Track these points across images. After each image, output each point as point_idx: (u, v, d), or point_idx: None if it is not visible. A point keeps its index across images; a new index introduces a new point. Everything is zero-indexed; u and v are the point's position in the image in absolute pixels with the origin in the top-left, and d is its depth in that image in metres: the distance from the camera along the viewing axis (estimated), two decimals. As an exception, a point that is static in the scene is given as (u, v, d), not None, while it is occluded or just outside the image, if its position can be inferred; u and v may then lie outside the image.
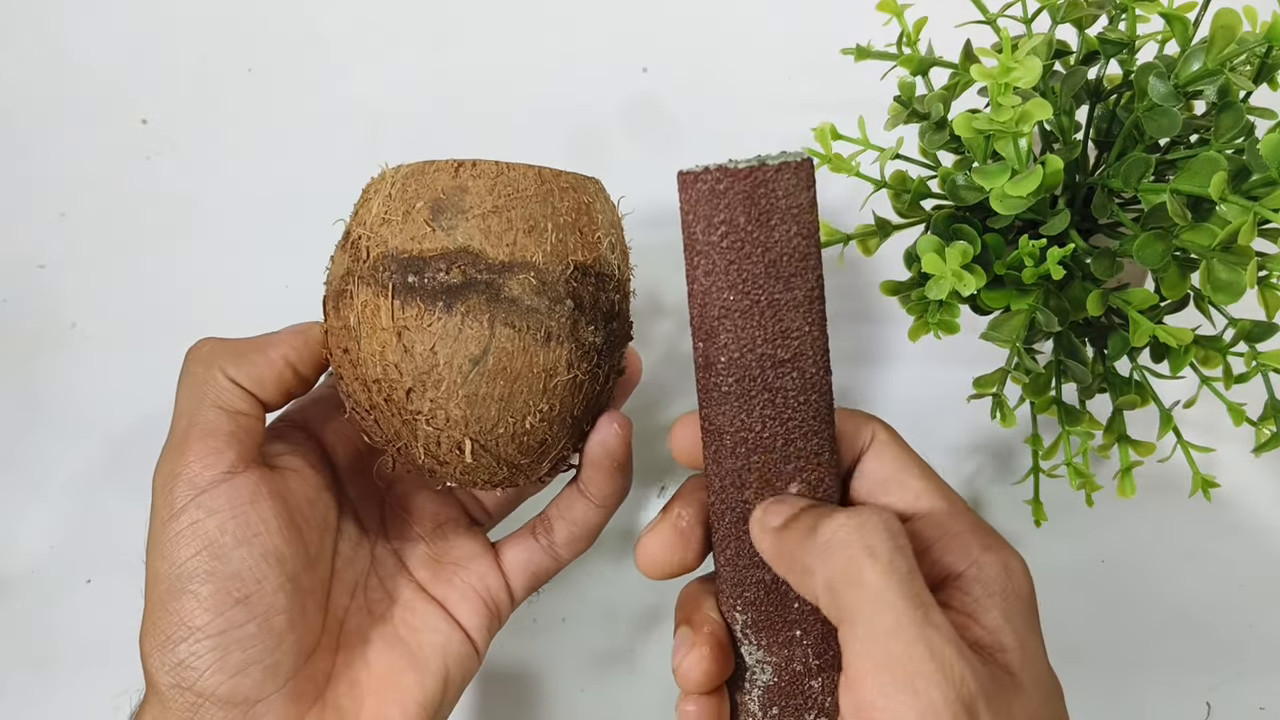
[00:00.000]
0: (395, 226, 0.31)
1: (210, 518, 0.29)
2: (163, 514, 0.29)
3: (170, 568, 0.28)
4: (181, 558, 0.28)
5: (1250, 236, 0.30)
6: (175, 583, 0.28)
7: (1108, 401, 0.40)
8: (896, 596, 0.24)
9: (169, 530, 0.29)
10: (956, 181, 0.36)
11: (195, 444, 0.30)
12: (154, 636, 0.28)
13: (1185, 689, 0.47)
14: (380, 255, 0.31)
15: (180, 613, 0.28)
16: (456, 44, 0.58)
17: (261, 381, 0.32)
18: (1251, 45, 0.32)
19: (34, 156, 0.56)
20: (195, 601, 0.28)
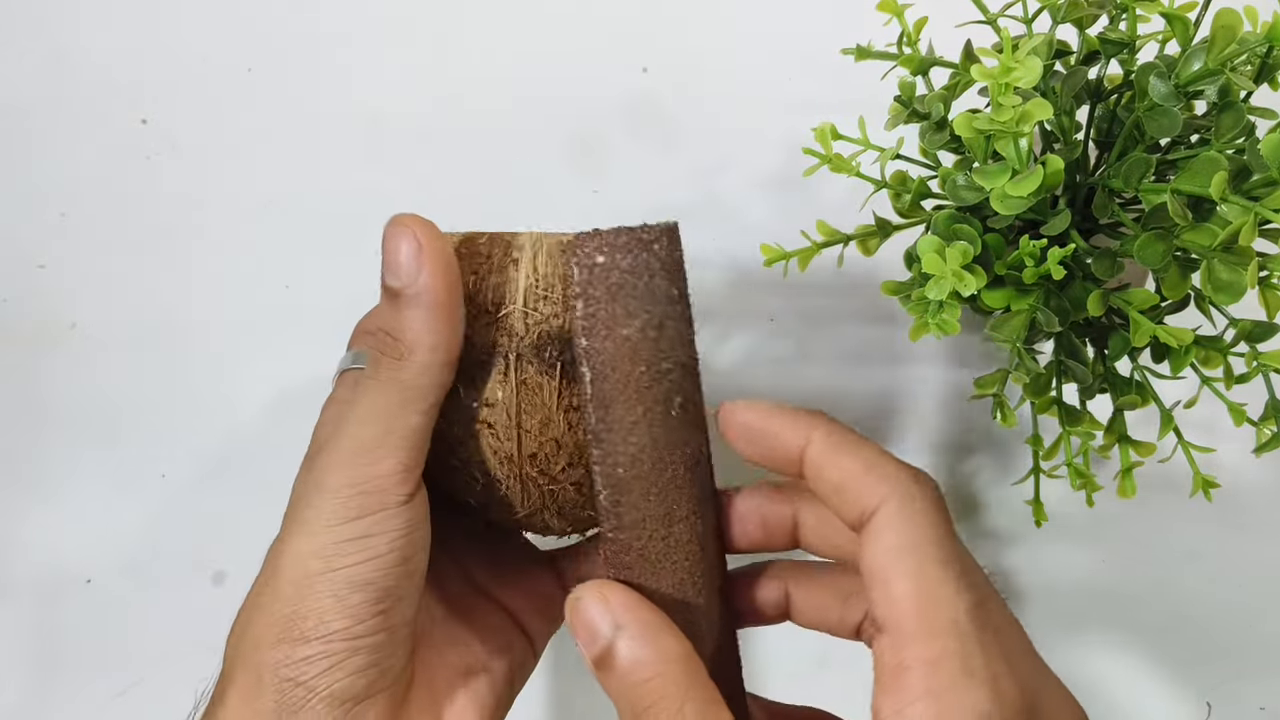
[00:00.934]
0: (555, 305, 0.30)
1: (383, 535, 0.29)
2: (334, 515, 0.29)
3: (326, 570, 0.28)
4: (344, 563, 0.28)
5: (1251, 237, 0.30)
6: (323, 584, 0.28)
7: (1108, 402, 0.40)
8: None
9: (335, 534, 0.29)
10: (957, 181, 0.36)
11: (393, 456, 0.29)
12: (279, 628, 0.28)
13: (1186, 689, 0.47)
14: (545, 334, 0.30)
15: (321, 613, 0.28)
16: (456, 44, 0.58)
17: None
18: (1252, 45, 0.32)
19: (34, 156, 0.56)
20: (340, 606, 0.28)
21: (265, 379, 0.53)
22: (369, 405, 0.29)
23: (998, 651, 0.25)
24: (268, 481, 0.53)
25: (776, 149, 0.54)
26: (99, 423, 0.53)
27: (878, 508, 0.26)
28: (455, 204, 0.54)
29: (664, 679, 0.26)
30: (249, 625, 0.29)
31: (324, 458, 0.30)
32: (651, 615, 0.28)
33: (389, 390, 0.29)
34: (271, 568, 0.29)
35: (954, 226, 0.36)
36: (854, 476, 0.27)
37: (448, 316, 0.29)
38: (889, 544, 0.26)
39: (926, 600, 0.25)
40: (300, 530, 0.29)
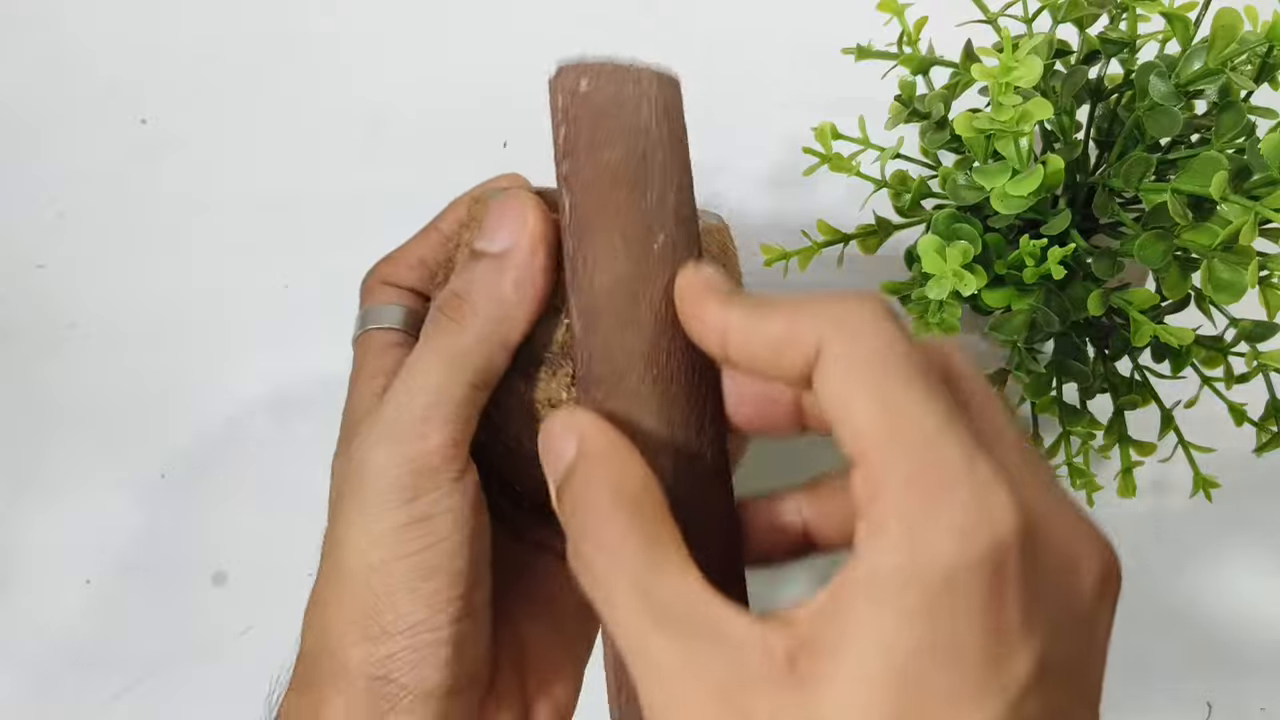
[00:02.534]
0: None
1: (444, 516, 0.27)
2: (388, 499, 0.27)
3: (390, 559, 0.27)
4: (407, 550, 0.27)
5: (1251, 236, 0.30)
6: (392, 575, 0.27)
7: (1108, 401, 0.40)
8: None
9: (391, 519, 0.27)
10: (957, 181, 0.36)
11: (440, 430, 0.27)
12: (359, 626, 0.27)
13: (1186, 689, 0.47)
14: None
15: (397, 606, 0.27)
16: (456, 44, 0.58)
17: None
18: (1252, 45, 0.32)
19: (34, 156, 0.56)
20: (415, 597, 0.27)
21: (265, 379, 0.53)
22: (416, 375, 0.27)
23: (986, 462, 0.20)
24: (268, 481, 0.53)
25: (776, 149, 0.54)
26: (99, 423, 0.53)
27: (819, 348, 0.22)
28: (455, 204, 0.54)
29: (616, 507, 0.23)
30: (325, 623, 0.27)
31: (366, 434, 0.27)
32: (617, 439, 0.24)
33: (440, 357, 0.27)
34: (332, 561, 0.27)
35: (954, 226, 0.36)
36: (783, 335, 0.23)
37: (527, 291, 0.27)
38: (838, 375, 0.21)
39: (892, 417, 0.20)
40: (353, 519, 0.27)
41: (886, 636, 0.19)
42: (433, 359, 0.27)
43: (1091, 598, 0.22)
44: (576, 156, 0.27)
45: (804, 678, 0.19)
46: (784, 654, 0.20)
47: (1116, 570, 0.22)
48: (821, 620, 0.20)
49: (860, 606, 0.19)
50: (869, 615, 0.19)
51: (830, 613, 0.20)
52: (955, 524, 0.19)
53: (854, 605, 0.19)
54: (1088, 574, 0.22)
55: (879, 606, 0.19)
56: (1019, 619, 0.19)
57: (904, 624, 0.19)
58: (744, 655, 0.20)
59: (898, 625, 0.19)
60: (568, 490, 0.24)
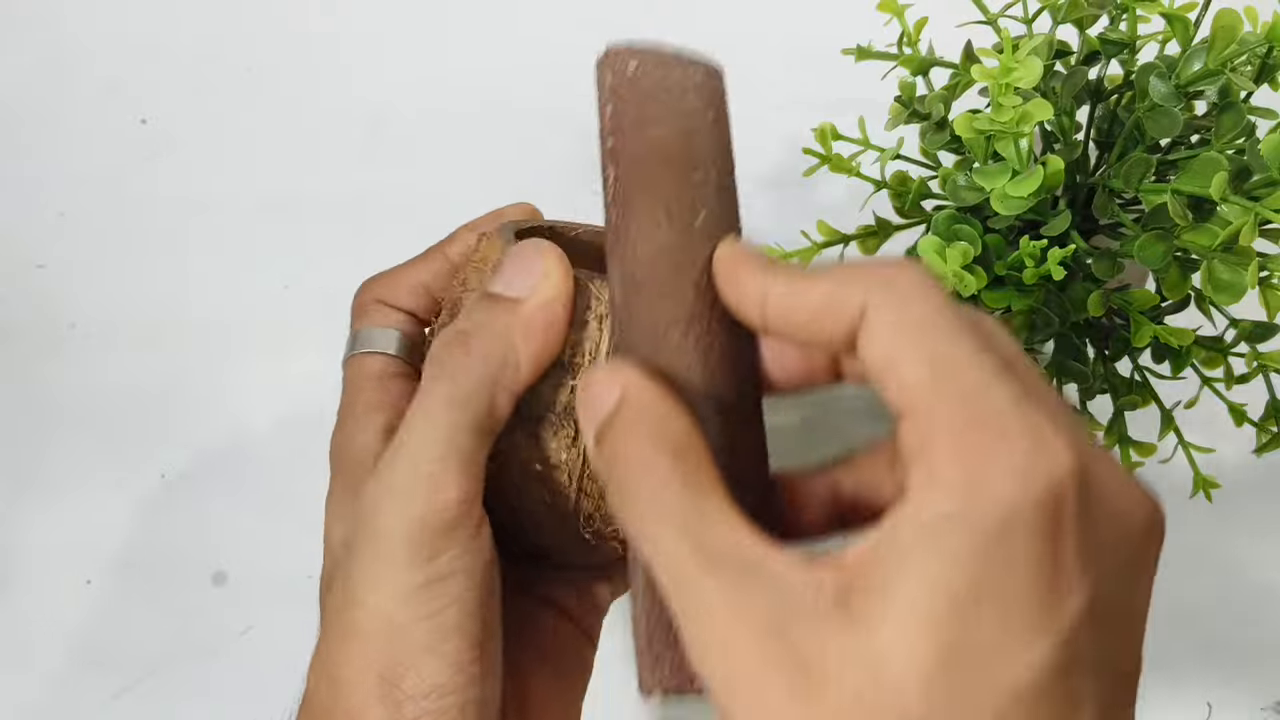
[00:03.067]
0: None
1: (464, 574, 0.26)
2: (408, 558, 0.26)
3: (412, 620, 0.26)
4: (429, 610, 0.26)
5: (1251, 237, 0.30)
6: (413, 636, 0.26)
7: (1109, 402, 0.40)
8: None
9: (412, 578, 0.26)
10: (957, 182, 0.36)
11: (456, 485, 0.26)
12: (377, 689, 0.26)
13: (1186, 689, 0.47)
14: None
15: (419, 668, 0.26)
16: (456, 44, 0.58)
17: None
18: (1252, 45, 0.32)
19: (34, 156, 0.56)
20: (437, 658, 0.26)
21: (264, 379, 0.53)
22: (424, 422, 0.26)
23: (1037, 409, 0.20)
24: (268, 482, 0.53)
25: (776, 149, 0.54)
26: (99, 423, 0.53)
27: (862, 312, 0.22)
28: (455, 204, 0.54)
29: (659, 452, 0.22)
30: (339, 681, 0.27)
31: (378, 487, 0.26)
32: (661, 389, 0.24)
33: (446, 403, 0.26)
34: (347, 619, 0.27)
35: (954, 227, 0.36)
36: (825, 302, 0.23)
37: (537, 340, 0.27)
38: (885, 335, 0.22)
39: (942, 370, 0.21)
40: (371, 578, 0.26)
41: (940, 576, 0.19)
42: (439, 405, 0.26)
43: (1139, 545, 0.22)
44: (623, 133, 0.27)
45: (855, 615, 0.19)
46: (834, 592, 0.20)
47: (1161, 521, 0.22)
48: (873, 560, 0.20)
49: (913, 547, 0.19)
50: (923, 555, 0.19)
51: (883, 553, 0.19)
52: (1012, 466, 0.19)
53: (907, 546, 0.19)
54: (1136, 522, 0.22)
55: (933, 547, 0.19)
56: (1073, 561, 0.19)
57: (958, 564, 0.19)
58: (794, 593, 0.20)
59: (952, 565, 0.19)
60: (608, 437, 0.23)
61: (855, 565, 0.20)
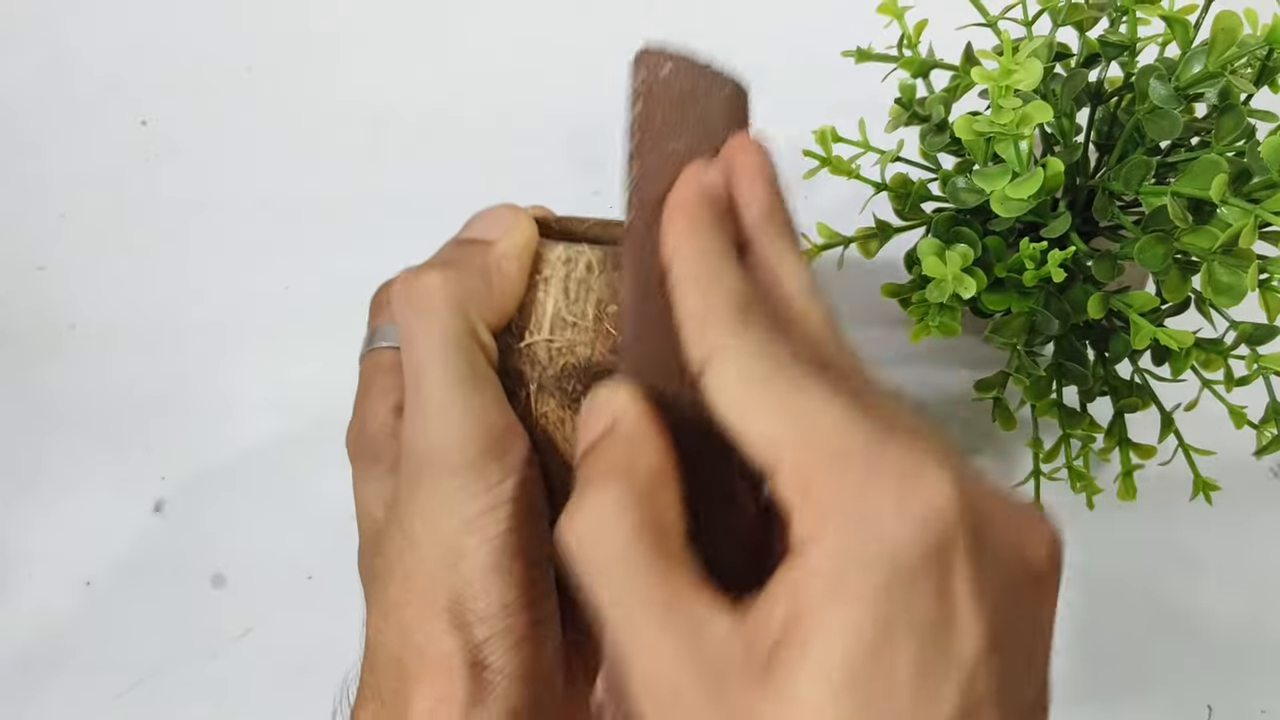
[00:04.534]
0: (585, 333, 0.28)
1: (523, 494, 0.27)
2: (469, 485, 0.26)
3: (480, 543, 0.26)
4: (496, 531, 0.26)
5: (1251, 239, 0.30)
6: (482, 558, 0.26)
7: (1109, 404, 0.40)
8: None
9: (480, 503, 0.26)
10: (957, 184, 0.36)
11: (494, 402, 0.27)
12: (449, 617, 0.26)
13: (1187, 692, 0.47)
14: (569, 366, 0.28)
15: (489, 589, 0.26)
16: (456, 44, 0.58)
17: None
18: (1252, 48, 0.32)
19: (34, 157, 0.56)
20: (507, 579, 0.26)
21: (265, 380, 0.53)
22: (435, 362, 0.27)
23: (907, 446, 0.20)
24: (268, 482, 0.53)
25: (776, 150, 0.54)
26: (99, 423, 0.53)
27: (707, 359, 0.22)
28: (455, 204, 0.54)
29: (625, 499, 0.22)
30: (407, 622, 0.27)
31: (419, 432, 0.27)
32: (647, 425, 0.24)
33: (441, 341, 0.27)
34: (406, 566, 0.27)
35: (954, 229, 0.36)
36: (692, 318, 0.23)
37: (508, 277, 0.28)
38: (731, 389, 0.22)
39: (800, 421, 0.21)
40: (430, 515, 0.26)
41: (844, 627, 0.19)
42: (440, 344, 0.27)
43: (1036, 573, 0.22)
44: (647, 136, 0.27)
45: (778, 677, 0.20)
46: (763, 653, 0.20)
47: (1059, 546, 0.22)
48: (789, 619, 0.20)
49: (817, 605, 0.19)
50: (826, 614, 0.19)
51: (794, 612, 0.20)
52: (893, 509, 0.19)
53: (811, 604, 0.20)
54: (1031, 550, 0.22)
55: (833, 604, 0.19)
56: (966, 598, 0.20)
57: (857, 620, 0.19)
58: (731, 653, 0.20)
59: (852, 615, 0.19)
60: (589, 461, 0.24)
61: (779, 624, 0.20)
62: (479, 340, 0.28)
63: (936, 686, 0.19)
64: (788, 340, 0.23)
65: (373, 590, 0.28)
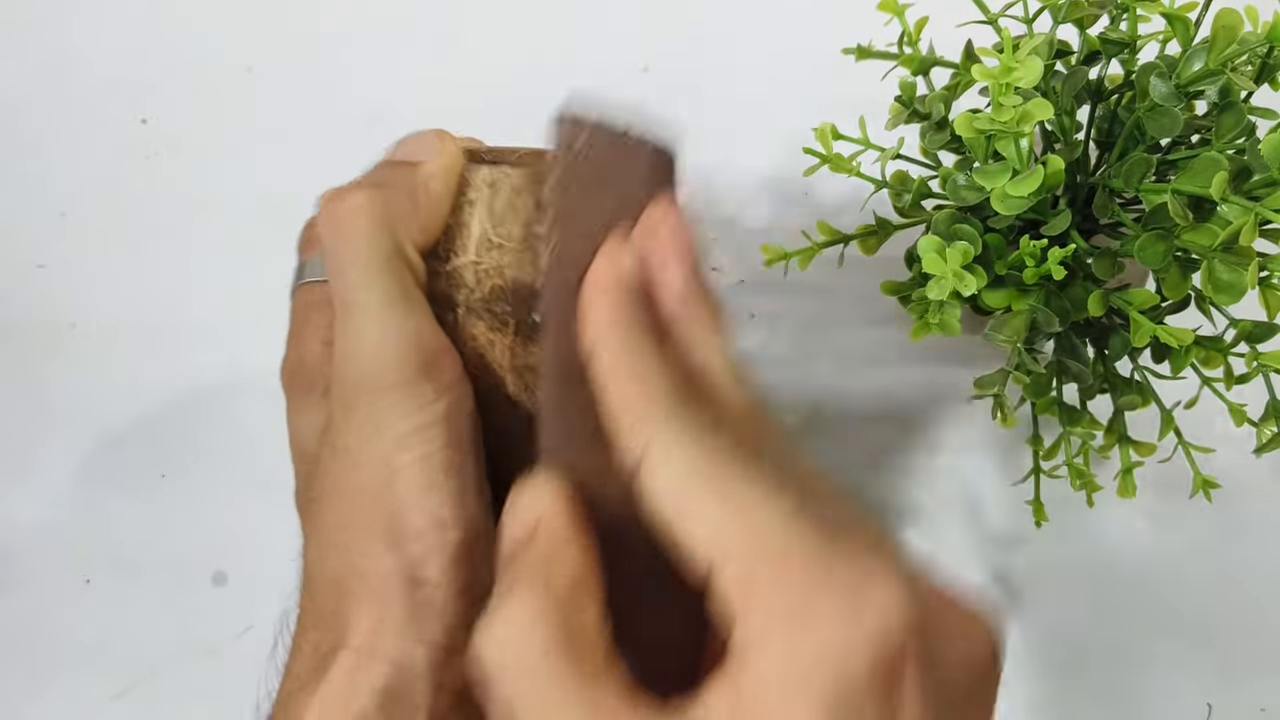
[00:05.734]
0: (511, 255, 0.28)
1: (458, 411, 0.27)
2: (405, 402, 0.26)
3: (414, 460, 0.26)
4: (431, 448, 0.26)
5: (1251, 237, 0.30)
6: (418, 477, 0.26)
7: (1108, 402, 0.40)
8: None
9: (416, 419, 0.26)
10: (957, 181, 0.36)
11: (429, 328, 0.27)
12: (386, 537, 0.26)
13: (1186, 689, 0.47)
14: (496, 288, 0.28)
15: (424, 506, 0.26)
16: (457, 44, 0.58)
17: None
18: (1253, 45, 0.32)
19: (34, 156, 0.56)
20: (442, 495, 0.26)
21: (265, 378, 0.53)
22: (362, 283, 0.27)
23: (854, 553, 0.20)
24: (268, 481, 0.53)
25: (776, 149, 0.54)
26: (99, 422, 0.53)
27: (644, 451, 0.22)
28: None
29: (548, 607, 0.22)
30: (346, 544, 0.26)
31: (358, 347, 0.26)
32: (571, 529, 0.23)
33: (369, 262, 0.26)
34: (344, 487, 0.27)
35: (955, 226, 0.36)
36: (615, 421, 0.23)
37: (434, 196, 0.28)
38: (667, 483, 0.21)
39: (741, 522, 0.20)
40: (367, 434, 0.26)
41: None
42: (369, 265, 0.27)
43: (978, 674, 0.22)
44: (561, 217, 0.26)
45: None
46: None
47: (999, 648, 0.22)
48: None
49: (762, 707, 0.19)
50: (773, 715, 0.19)
51: (736, 715, 0.19)
52: (843, 617, 0.19)
53: (756, 706, 0.19)
54: (974, 652, 0.22)
55: (780, 706, 0.19)
56: (915, 703, 0.19)
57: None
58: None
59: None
60: (510, 568, 0.23)
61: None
62: (407, 260, 0.27)
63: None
64: (721, 432, 0.22)
65: (309, 518, 0.28)
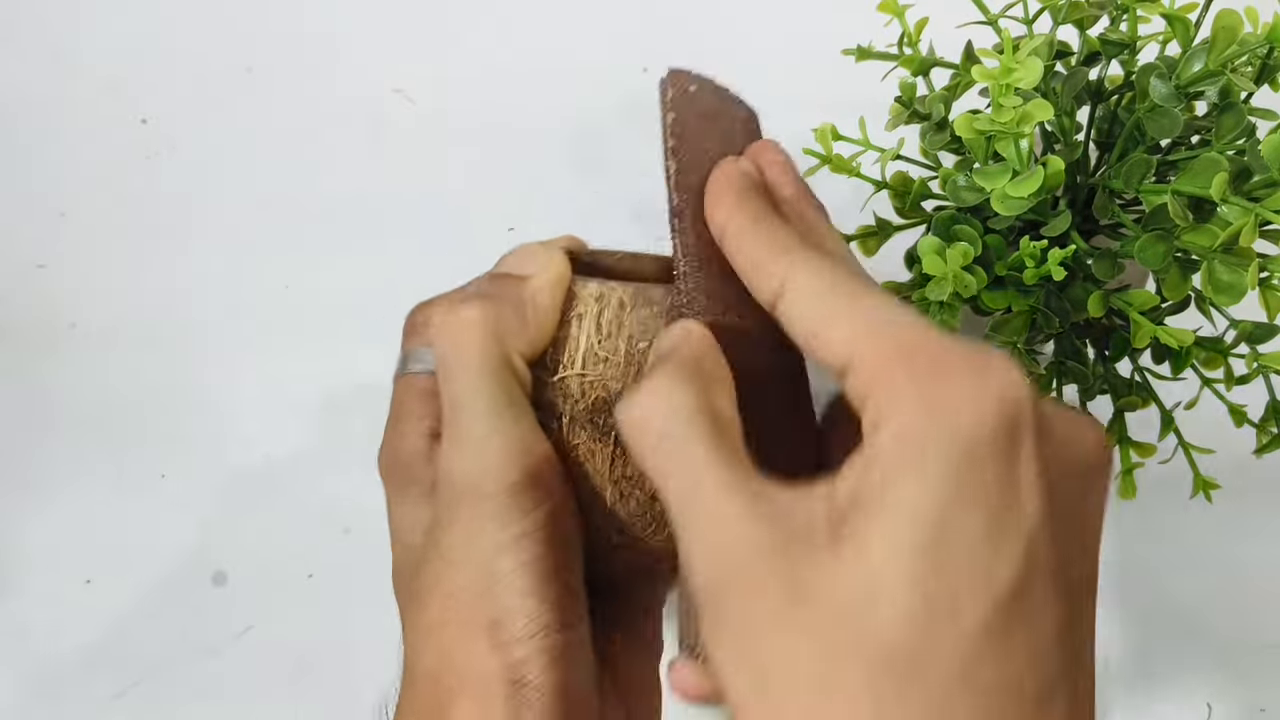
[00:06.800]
0: (616, 369, 0.29)
1: (560, 519, 0.28)
2: (510, 508, 0.27)
3: (517, 566, 0.27)
4: (532, 555, 0.27)
5: (1251, 238, 0.30)
6: (518, 581, 0.27)
7: (1109, 403, 0.40)
8: None
9: (518, 526, 0.27)
10: (957, 182, 0.36)
11: (531, 431, 0.28)
12: (489, 637, 0.27)
13: (1186, 690, 0.47)
14: (600, 400, 0.29)
15: (527, 611, 0.27)
16: (457, 44, 0.58)
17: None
18: (1253, 46, 0.32)
19: (34, 156, 0.56)
20: (544, 601, 0.27)
21: (265, 379, 0.53)
22: (470, 391, 0.28)
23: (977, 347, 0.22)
24: (268, 482, 0.53)
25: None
26: (99, 423, 0.53)
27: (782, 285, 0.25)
28: (455, 204, 0.54)
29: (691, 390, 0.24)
30: (447, 643, 0.28)
31: (457, 458, 0.28)
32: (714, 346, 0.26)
33: (478, 372, 0.28)
34: (445, 588, 0.28)
35: (955, 227, 0.36)
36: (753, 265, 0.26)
37: (543, 310, 0.29)
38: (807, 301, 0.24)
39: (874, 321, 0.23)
40: (468, 539, 0.27)
41: (916, 498, 0.20)
42: (478, 374, 0.28)
43: (1089, 463, 0.23)
44: (681, 138, 0.29)
45: (845, 540, 0.21)
46: (828, 523, 0.21)
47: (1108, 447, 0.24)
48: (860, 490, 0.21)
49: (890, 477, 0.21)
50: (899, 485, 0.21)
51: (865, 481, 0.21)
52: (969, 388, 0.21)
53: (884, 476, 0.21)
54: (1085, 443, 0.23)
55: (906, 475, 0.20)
56: (1032, 475, 0.21)
57: (930, 484, 0.20)
58: (795, 520, 0.22)
59: (925, 486, 0.20)
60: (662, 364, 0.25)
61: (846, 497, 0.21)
62: (515, 371, 0.29)
63: (1000, 551, 0.20)
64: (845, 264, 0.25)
65: (410, 611, 0.29)
